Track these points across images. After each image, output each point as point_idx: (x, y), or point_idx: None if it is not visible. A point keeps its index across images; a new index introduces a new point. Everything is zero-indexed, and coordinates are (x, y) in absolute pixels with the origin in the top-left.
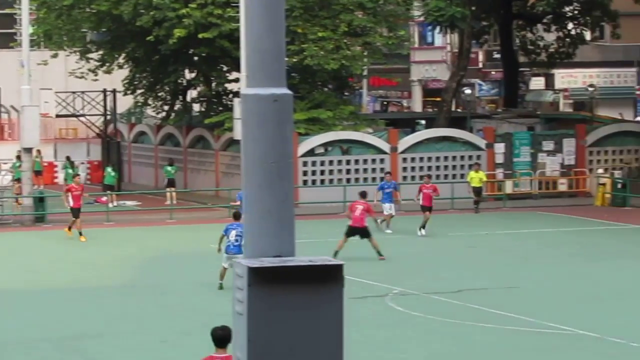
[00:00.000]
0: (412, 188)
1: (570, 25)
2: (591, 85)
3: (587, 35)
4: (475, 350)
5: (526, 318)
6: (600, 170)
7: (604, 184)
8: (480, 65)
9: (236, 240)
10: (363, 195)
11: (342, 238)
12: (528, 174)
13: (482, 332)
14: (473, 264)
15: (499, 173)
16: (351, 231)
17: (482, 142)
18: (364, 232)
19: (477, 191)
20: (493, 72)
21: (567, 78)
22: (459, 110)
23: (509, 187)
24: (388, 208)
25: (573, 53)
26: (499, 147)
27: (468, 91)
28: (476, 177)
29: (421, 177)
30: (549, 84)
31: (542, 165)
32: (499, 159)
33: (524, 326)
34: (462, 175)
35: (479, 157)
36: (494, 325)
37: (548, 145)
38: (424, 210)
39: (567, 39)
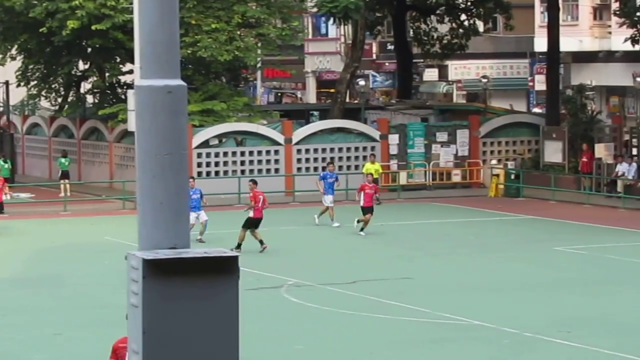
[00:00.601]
0: (306, 180)
1: (463, 17)
2: (484, 77)
3: (480, 27)
4: (371, 341)
5: (421, 309)
6: (494, 161)
7: (497, 175)
8: (374, 56)
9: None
10: (254, 182)
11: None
12: (422, 165)
13: (377, 323)
14: (368, 254)
15: (393, 164)
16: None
17: (376, 134)
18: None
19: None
20: (387, 64)
21: (461, 69)
22: (353, 101)
23: (403, 178)
24: (331, 200)
25: (466, 44)
26: (393, 139)
27: (362, 82)
28: (372, 169)
29: (320, 169)
30: (443, 75)
31: (435, 157)
32: (393, 150)
33: (420, 317)
34: (357, 167)
35: (373, 148)
36: (390, 316)
37: (442, 136)
38: (365, 212)
39: (461, 31)
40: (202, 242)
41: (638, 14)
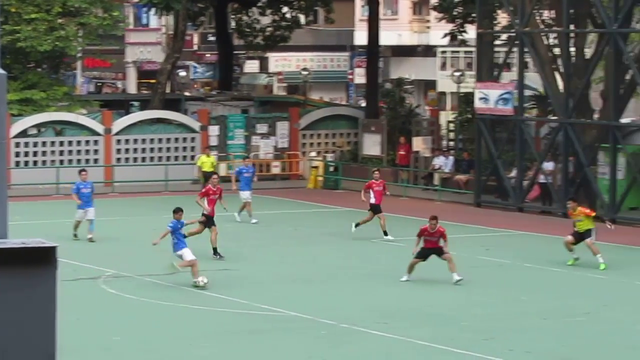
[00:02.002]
0: (126, 170)
1: (285, 9)
2: (305, 69)
3: (302, 19)
4: (189, 332)
5: (239, 300)
6: (313, 154)
7: (316, 167)
8: (196, 47)
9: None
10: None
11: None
12: (242, 156)
13: (195, 314)
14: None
15: (214, 155)
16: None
17: (196, 125)
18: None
19: (208, 176)
20: (208, 55)
21: (282, 61)
22: (175, 92)
23: (223, 169)
24: (248, 195)
25: (288, 37)
26: (213, 130)
27: (183, 73)
28: (208, 162)
29: (140, 159)
30: (264, 67)
31: (255, 148)
32: (213, 141)
33: (237, 308)
34: (177, 158)
35: (193, 139)
36: (208, 307)
37: (262, 128)
38: (376, 211)
39: (282, 23)
40: (93, 242)
41: (456, 9)
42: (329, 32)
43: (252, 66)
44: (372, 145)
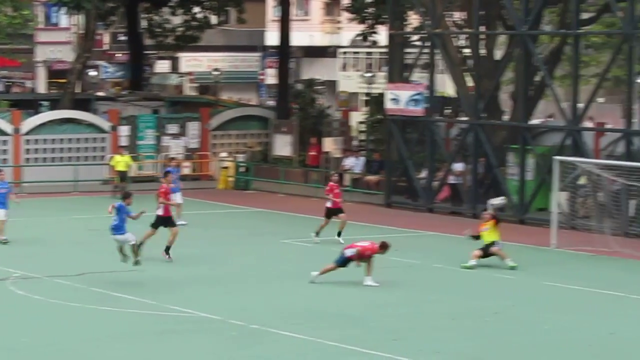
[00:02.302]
0: (35, 170)
1: (196, 9)
2: (216, 69)
3: (213, 20)
4: (97, 333)
5: (148, 301)
6: (224, 154)
7: (227, 168)
8: (106, 47)
9: (114, 220)
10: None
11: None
12: (152, 156)
13: (104, 315)
14: (97, 247)
15: (128, 155)
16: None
17: (106, 125)
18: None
19: (123, 176)
20: (119, 55)
21: (193, 62)
22: (86, 92)
23: (133, 169)
24: (178, 197)
25: (199, 37)
26: (124, 130)
27: (93, 73)
28: (122, 161)
29: (50, 159)
30: (175, 67)
31: (166, 149)
32: (124, 141)
33: (146, 309)
34: (87, 158)
35: (103, 139)
36: (116, 308)
37: (172, 128)
38: (337, 213)
39: (193, 23)
40: (6, 242)
41: (368, 10)
42: (240, 33)
43: (163, 66)
44: (282, 145)
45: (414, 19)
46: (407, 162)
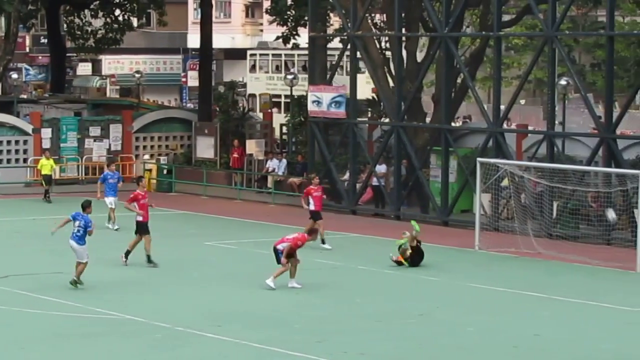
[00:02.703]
0: None
1: (117, 12)
2: (138, 72)
3: (135, 22)
4: (22, 336)
5: (73, 303)
6: (147, 156)
7: (150, 170)
8: (28, 49)
9: (78, 231)
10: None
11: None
12: (75, 159)
13: (29, 318)
14: (21, 249)
15: (52, 158)
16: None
17: (29, 127)
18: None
19: (47, 179)
20: (40, 57)
21: (114, 64)
22: (7, 94)
23: (56, 172)
24: (111, 202)
25: (120, 39)
26: (46, 132)
27: (15, 76)
28: (47, 164)
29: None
30: (96, 69)
31: (89, 151)
32: (46, 144)
33: (71, 311)
34: (9, 161)
35: (25, 142)
36: (41, 310)
37: (95, 130)
38: (316, 218)
39: (115, 25)
40: None
41: (289, 12)
42: (161, 35)
43: (84, 68)
44: (205, 148)
45: (335, 21)
46: (329, 164)
